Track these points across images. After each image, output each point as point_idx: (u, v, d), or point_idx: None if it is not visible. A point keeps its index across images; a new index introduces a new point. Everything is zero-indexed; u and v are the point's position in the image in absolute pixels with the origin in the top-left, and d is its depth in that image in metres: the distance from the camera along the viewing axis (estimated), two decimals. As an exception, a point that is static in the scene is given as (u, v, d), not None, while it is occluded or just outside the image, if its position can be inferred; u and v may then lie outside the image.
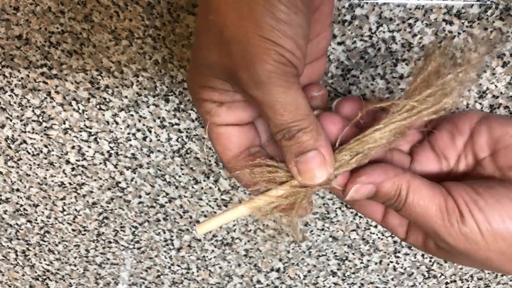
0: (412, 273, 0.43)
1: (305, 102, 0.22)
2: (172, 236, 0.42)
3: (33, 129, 0.36)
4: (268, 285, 0.45)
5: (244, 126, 0.25)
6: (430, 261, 0.41)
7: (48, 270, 0.47)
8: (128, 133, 0.36)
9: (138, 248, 0.43)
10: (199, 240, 0.42)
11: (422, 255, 0.41)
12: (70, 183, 0.39)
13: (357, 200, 0.25)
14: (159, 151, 0.37)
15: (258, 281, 0.44)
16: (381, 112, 0.24)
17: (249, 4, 0.20)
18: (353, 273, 0.43)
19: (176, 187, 0.39)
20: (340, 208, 0.38)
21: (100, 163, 0.38)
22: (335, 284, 0.44)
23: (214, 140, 0.25)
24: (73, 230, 0.43)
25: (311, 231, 0.40)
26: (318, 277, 0.43)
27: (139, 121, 0.35)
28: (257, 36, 0.20)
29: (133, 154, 0.37)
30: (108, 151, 0.37)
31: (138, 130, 0.36)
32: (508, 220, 0.22)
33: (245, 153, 0.25)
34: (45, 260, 0.46)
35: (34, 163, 0.38)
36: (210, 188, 0.38)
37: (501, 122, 0.26)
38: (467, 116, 0.27)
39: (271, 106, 0.21)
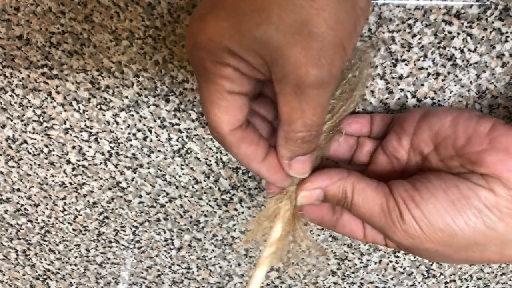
0: (412, 272, 0.43)
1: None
2: (172, 236, 0.42)
3: (33, 129, 0.37)
4: (268, 284, 0.45)
5: (248, 97, 0.23)
6: (429, 260, 0.41)
7: (48, 270, 0.47)
8: (129, 133, 0.36)
9: (139, 248, 0.44)
10: (199, 240, 0.42)
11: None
12: (70, 183, 0.40)
13: (309, 204, 0.27)
14: (159, 151, 0.37)
15: (258, 281, 0.44)
16: None
17: None
18: (353, 272, 0.43)
19: (177, 187, 0.39)
20: (340, 207, 0.39)
21: (101, 163, 0.38)
22: (335, 283, 0.44)
23: (223, 108, 0.22)
24: (73, 229, 0.43)
25: (311, 231, 0.40)
26: (318, 276, 0.43)
27: (140, 121, 0.35)
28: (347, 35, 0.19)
29: (133, 154, 0.37)
30: (108, 151, 0.37)
31: (139, 130, 0.36)
32: (444, 212, 0.23)
33: (243, 127, 0.24)
34: (45, 259, 0.46)
35: (35, 163, 0.39)
36: (210, 188, 0.38)
37: (439, 115, 0.27)
38: (410, 116, 0.28)
39: (312, 107, 0.21)
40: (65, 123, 0.36)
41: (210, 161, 0.37)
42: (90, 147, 0.37)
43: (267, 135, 0.26)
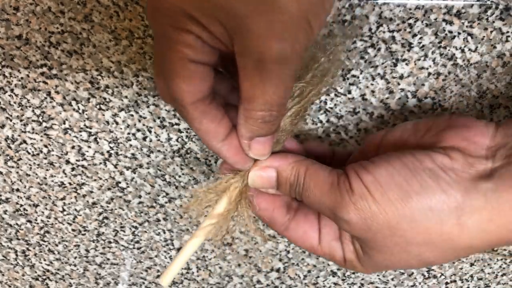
0: (412, 273, 0.43)
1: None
2: (172, 236, 0.42)
3: (33, 129, 0.36)
4: (268, 285, 0.45)
5: (211, 68, 0.22)
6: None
7: (48, 270, 0.47)
8: (128, 133, 0.36)
9: (138, 248, 0.43)
10: (199, 240, 0.42)
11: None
12: (70, 183, 0.39)
13: (260, 187, 0.26)
14: (159, 151, 0.37)
15: (258, 281, 0.44)
16: None
17: None
18: (353, 273, 0.43)
19: (176, 187, 0.39)
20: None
21: (100, 163, 0.38)
22: (335, 284, 0.44)
23: (186, 78, 0.21)
24: (73, 230, 0.43)
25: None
26: (318, 277, 0.43)
27: (139, 121, 0.35)
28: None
29: (133, 154, 0.37)
30: (108, 151, 0.37)
31: (138, 130, 0.36)
32: (397, 174, 0.22)
33: (205, 101, 0.22)
34: (45, 260, 0.46)
35: (34, 163, 0.38)
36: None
37: (399, 126, 0.27)
38: (371, 139, 0.28)
39: (274, 84, 0.20)
40: (64, 123, 0.36)
41: (210, 161, 0.37)
42: (89, 147, 0.37)
43: (229, 115, 0.25)
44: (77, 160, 0.38)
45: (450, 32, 0.29)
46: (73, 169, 0.38)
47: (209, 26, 0.19)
